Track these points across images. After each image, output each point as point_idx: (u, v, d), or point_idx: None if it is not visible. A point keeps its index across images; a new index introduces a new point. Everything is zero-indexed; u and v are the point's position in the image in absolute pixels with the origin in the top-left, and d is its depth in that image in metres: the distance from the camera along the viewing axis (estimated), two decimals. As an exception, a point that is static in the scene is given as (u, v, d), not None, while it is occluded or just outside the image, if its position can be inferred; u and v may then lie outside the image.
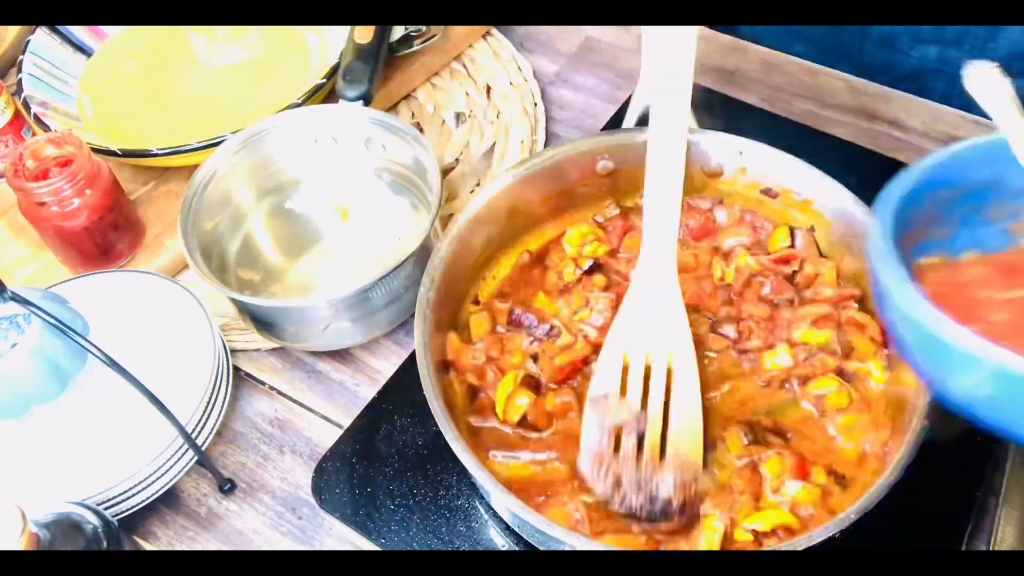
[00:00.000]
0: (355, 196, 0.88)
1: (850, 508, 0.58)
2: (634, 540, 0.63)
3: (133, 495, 0.71)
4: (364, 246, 0.85)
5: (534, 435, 0.69)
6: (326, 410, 0.80)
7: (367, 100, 0.89)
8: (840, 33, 1.03)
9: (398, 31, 0.98)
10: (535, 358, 0.72)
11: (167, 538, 0.74)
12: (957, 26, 0.96)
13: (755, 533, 0.62)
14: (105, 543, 0.60)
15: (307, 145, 0.88)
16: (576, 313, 0.74)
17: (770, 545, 0.62)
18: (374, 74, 0.91)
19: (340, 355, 0.83)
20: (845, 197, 0.72)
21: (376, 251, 0.84)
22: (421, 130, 0.98)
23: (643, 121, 0.79)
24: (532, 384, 0.70)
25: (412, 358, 0.69)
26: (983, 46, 0.96)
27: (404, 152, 0.85)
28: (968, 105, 0.94)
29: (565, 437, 0.68)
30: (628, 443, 0.65)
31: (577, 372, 0.71)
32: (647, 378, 0.67)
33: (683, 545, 0.63)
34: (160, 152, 0.88)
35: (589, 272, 0.76)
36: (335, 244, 0.86)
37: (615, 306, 0.72)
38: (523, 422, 0.69)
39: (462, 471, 0.68)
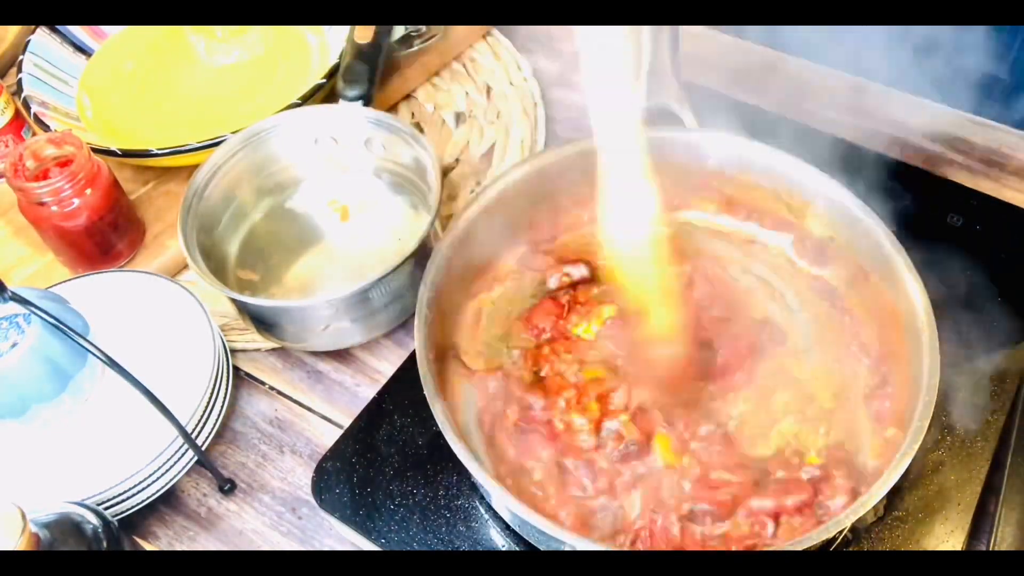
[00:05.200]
0: (355, 196, 0.88)
1: (848, 509, 0.58)
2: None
3: (133, 495, 0.71)
4: (364, 246, 0.85)
5: None
6: (326, 410, 0.80)
7: (367, 100, 0.89)
8: (866, 35, 1.02)
9: (398, 31, 0.98)
10: None
11: (167, 538, 0.74)
12: (999, 38, 0.95)
13: None
14: (105, 543, 0.60)
15: (307, 145, 0.88)
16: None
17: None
18: (374, 74, 0.91)
19: (340, 355, 0.83)
20: (845, 197, 0.72)
21: (376, 251, 0.84)
22: (421, 130, 0.98)
23: (643, 121, 0.79)
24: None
25: (412, 358, 0.69)
26: None
27: (404, 152, 0.85)
28: (977, 108, 0.94)
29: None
30: None
31: None
32: None
33: None
34: (160, 152, 0.88)
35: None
36: (335, 244, 0.86)
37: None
38: None
39: (462, 471, 0.68)
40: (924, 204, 0.85)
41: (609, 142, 0.67)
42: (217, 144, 0.85)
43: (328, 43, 1.02)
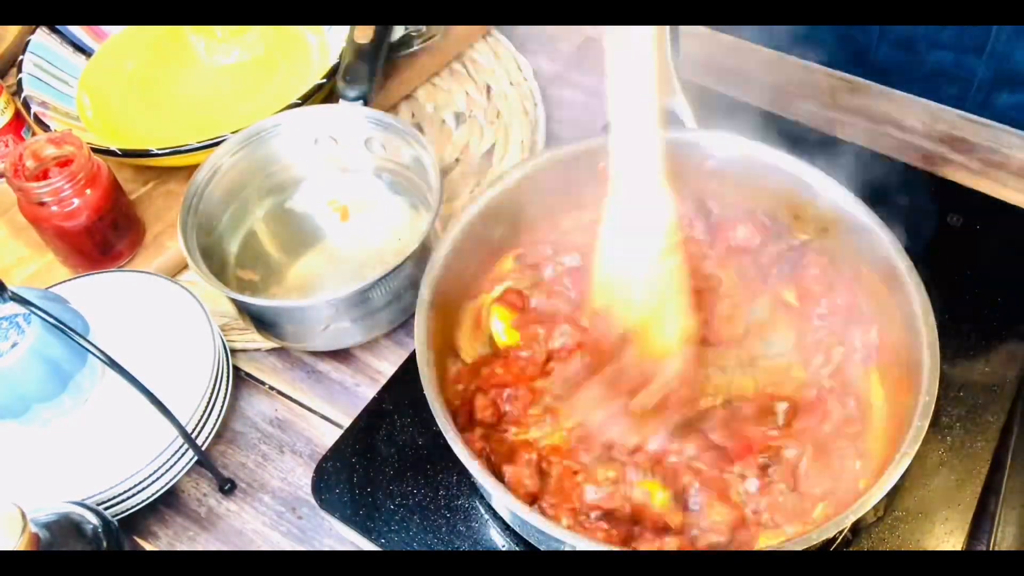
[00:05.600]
0: (355, 196, 0.88)
1: (848, 509, 0.58)
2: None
3: (133, 495, 0.71)
4: (364, 246, 0.85)
5: None
6: (326, 410, 0.80)
7: (367, 100, 0.89)
8: (853, 33, 1.03)
9: (398, 31, 0.98)
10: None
11: (167, 538, 0.74)
12: (977, 32, 0.96)
13: None
14: (105, 543, 0.60)
15: (307, 145, 0.88)
16: None
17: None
18: (374, 74, 0.91)
19: (340, 355, 0.83)
20: (845, 197, 0.72)
21: (376, 251, 0.84)
22: (421, 130, 0.98)
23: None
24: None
25: (412, 358, 0.69)
26: (1003, 54, 0.96)
27: (404, 152, 0.85)
28: (977, 108, 0.94)
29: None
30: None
31: None
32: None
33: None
34: (160, 152, 0.88)
35: None
36: (335, 244, 0.86)
37: None
38: None
39: (462, 471, 0.68)
40: (924, 204, 0.85)
41: (626, 143, 0.65)
42: (217, 144, 0.85)
43: (328, 43, 1.02)
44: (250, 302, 0.76)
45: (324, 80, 0.93)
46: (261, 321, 0.79)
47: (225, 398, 0.76)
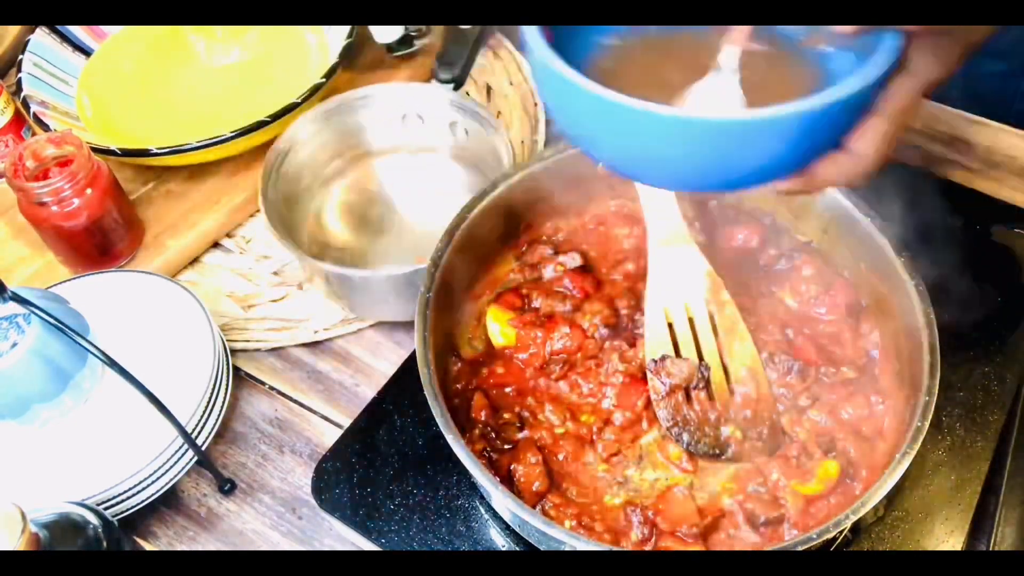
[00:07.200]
0: (431, 176, 0.91)
1: (848, 509, 0.58)
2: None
3: (133, 495, 0.71)
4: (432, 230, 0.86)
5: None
6: (326, 410, 0.80)
7: (458, 84, 0.92)
8: None
9: (398, 31, 0.98)
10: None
11: (167, 538, 0.74)
12: None
13: None
14: (105, 543, 0.60)
15: (395, 121, 0.90)
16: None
17: None
18: (470, 61, 0.94)
19: (340, 355, 0.83)
20: (845, 197, 0.72)
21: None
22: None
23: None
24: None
25: (412, 358, 0.69)
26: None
27: (484, 139, 0.86)
28: (969, 105, 0.94)
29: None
30: (699, 395, 0.68)
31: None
32: (694, 331, 0.70)
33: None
34: (160, 152, 0.88)
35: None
36: (407, 223, 0.89)
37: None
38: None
39: (462, 471, 0.68)
40: (924, 204, 0.84)
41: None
42: (217, 143, 0.85)
43: (327, 43, 1.02)
44: (332, 270, 0.78)
45: (324, 80, 0.93)
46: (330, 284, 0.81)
47: (225, 398, 0.76)
